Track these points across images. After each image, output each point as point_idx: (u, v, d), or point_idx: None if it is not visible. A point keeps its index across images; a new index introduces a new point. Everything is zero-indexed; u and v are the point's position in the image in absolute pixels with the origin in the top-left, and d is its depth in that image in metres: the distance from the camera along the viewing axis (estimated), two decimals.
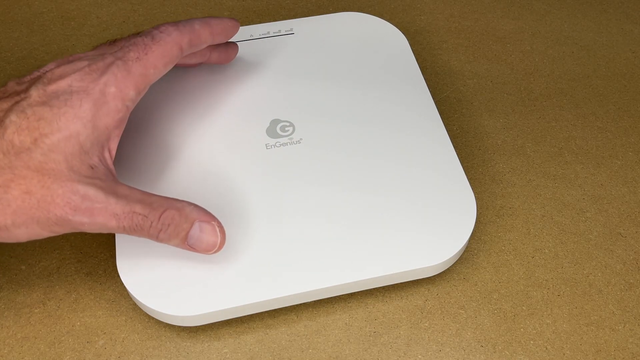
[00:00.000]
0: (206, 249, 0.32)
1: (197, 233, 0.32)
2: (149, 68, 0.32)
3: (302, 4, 0.52)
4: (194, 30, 0.35)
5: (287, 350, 0.34)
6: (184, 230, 0.31)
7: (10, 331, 0.35)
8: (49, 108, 0.29)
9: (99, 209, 0.29)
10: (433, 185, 0.37)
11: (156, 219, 0.31)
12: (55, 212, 0.29)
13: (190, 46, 0.35)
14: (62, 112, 0.29)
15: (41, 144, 0.29)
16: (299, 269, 0.34)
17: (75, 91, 0.30)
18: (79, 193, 0.29)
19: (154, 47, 0.33)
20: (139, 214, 0.30)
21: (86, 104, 0.30)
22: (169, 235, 0.31)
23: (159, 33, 0.33)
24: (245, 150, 0.38)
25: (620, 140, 0.44)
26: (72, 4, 0.52)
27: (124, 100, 0.31)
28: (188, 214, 0.31)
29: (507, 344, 0.35)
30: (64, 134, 0.29)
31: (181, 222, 0.31)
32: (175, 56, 0.34)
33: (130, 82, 0.31)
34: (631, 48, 0.50)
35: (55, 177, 0.29)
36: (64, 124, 0.29)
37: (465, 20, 0.51)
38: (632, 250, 0.39)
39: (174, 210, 0.31)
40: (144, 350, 0.34)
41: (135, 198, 0.30)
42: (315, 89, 0.41)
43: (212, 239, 0.32)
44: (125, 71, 0.31)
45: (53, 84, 0.30)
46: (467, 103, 0.46)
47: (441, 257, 0.35)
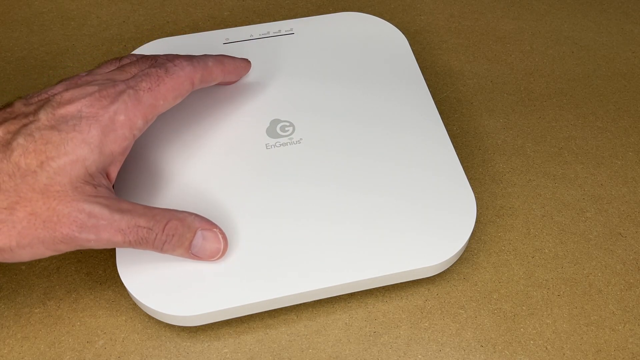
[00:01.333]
0: (210, 256, 0.33)
1: (200, 242, 0.33)
2: (159, 99, 0.33)
3: (302, 4, 0.52)
4: (207, 67, 0.36)
5: (287, 350, 0.34)
6: (187, 240, 0.32)
7: (10, 331, 0.35)
8: (57, 132, 0.30)
9: (104, 225, 0.30)
10: (433, 185, 0.37)
11: (160, 230, 0.31)
12: (61, 231, 0.29)
13: (201, 82, 0.35)
14: (70, 137, 0.30)
15: (47, 167, 0.29)
16: (299, 269, 0.34)
17: (84, 117, 0.30)
18: (85, 211, 0.29)
19: (167, 79, 0.33)
20: (143, 227, 0.31)
21: (94, 130, 0.30)
22: (173, 245, 0.32)
23: (173, 66, 0.34)
24: (245, 150, 0.38)
25: (620, 140, 0.44)
26: (72, 4, 0.52)
27: (132, 129, 0.32)
28: (190, 223, 0.32)
29: (507, 344, 0.35)
30: (70, 158, 0.30)
31: (184, 232, 0.32)
32: (186, 90, 0.34)
33: (139, 112, 0.32)
34: (631, 48, 0.50)
35: (60, 199, 0.29)
36: (71, 148, 0.30)
37: (465, 20, 0.51)
38: (632, 250, 0.39)
39: (177, 221, 0.32)
40: (144, 350, 0.34)
41: (139, 212, 0.31)
42: (315, 89, 0.41)
43: (215, 246, 0.33)
44: (136, 101, 0.32)
45: (62, 108, 0.30)
46: (467, 103, 0.46)
47: (441, 257, 0.35)
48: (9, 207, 0.29)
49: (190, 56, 0.36)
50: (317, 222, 0.35)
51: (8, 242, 0.29)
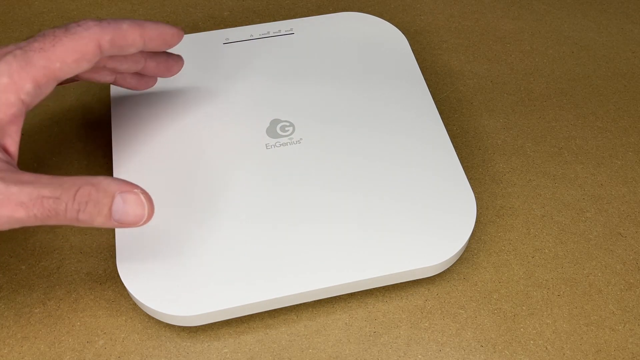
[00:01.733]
0: (134, 221, 0.30)
1: (121, 206, 0.29)
2: (55, 61, 0.29)
3: (302, 4, 0.52)
4: (119, 28, 0.31)
5: (287, 350, 0.34)
6: (105, 206, 0.29)
7: (10, 331, 0.35)
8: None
9: (0, 200, 0.26)
10: (433, 185, 0.37)
11: (70, 199, 0.28)
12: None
13: (112, 46, 0.31)
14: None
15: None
16: (299, 269, 0.34)
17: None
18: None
19: (65, 39, 0.29)
20: (49, 197, 0.27)
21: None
22: (89, 214, 0.28)
23: (75, 26, 0.30)
24: (245, 150, 0.38)
25: (620, 140, 0.44)
26: (72, 4, 0.52)
27: (18, 92, 0.28)
28: (106, 187, 0.29)
29: (507, 344, 0.35)
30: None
31: (100, 198, 0.29)
32: (90, 53, 0.30)
33: (27, 74, 0.28)
34: (631, 48, 0.50)
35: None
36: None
37: (465, 20, 0.51)
38: (632, 250, 0.39)
39: (89, 186, 0.28)
40: (144, 350, 0.34)
41: (43, 182, 0.28)
42: (315, 89, 0.41)
43: (139, 210, 0.30)
44: (23, 62, 0.28)
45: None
46: (467, 103, 0.46)
47: (441, 257, 0.35)
48: None
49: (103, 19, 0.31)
50: (317, 222, 0.35)
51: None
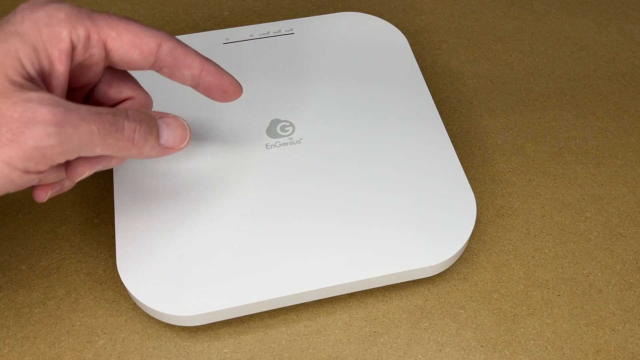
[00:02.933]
0: (180, 142, 0.31)
1: (166, 130, 0.30)
2: (113, 30, 0.28)
3: (302, 4, 0.52)
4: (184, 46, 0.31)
5: (287, 350, 0.34)
6: (154, 127, 0.29)
7: (10, 331, 0.35)
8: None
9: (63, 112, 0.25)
10: (433, 185, 0.37)
11: (124, 116, 0.28)
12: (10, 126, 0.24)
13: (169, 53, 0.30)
14: (2, 29, 0.27)
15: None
16: (299, 268, 0.34)
17: (18, 11, 0.27)
18: (33, 99, 0.25)
19: (134, 25, 0.29)
20: (107, 113, 0.27)
21: (28, 21, 0.27)
22: (144, 134, 0.28)
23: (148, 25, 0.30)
24: (245, 150, 0.38)
25: (620, 140, 0.44)
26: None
27: (70, 32, 0.27)
28: (146, 112, 0.29)
29: (507, 344, 0.35)
30: (2, 47, 0.26)
31: (148, 119, 0.29)
32: (147, 47, 0.29)
33: (84, 23, 0.28)
34: (631, 48, 0.50)
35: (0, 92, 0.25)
36: (3, 36, 0.26)
37: (465, 20, 0.51)
38: (632, 250, 0.39)
39: (135, 110, 0.29)
40: (144, 350, 0.34)
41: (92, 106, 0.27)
42: (315, 89, 0.41)
43: (181, 131, 0.30)
44: (85, 13, 0.28)
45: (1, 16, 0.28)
46: (467, 103, 0.46)
47: (441, 257, 0.35)
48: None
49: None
50: (317, 222, 0.35)
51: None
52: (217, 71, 0.33)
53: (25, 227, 0.39)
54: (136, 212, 0.36)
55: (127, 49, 0.29)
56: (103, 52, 0.29)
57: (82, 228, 0.39)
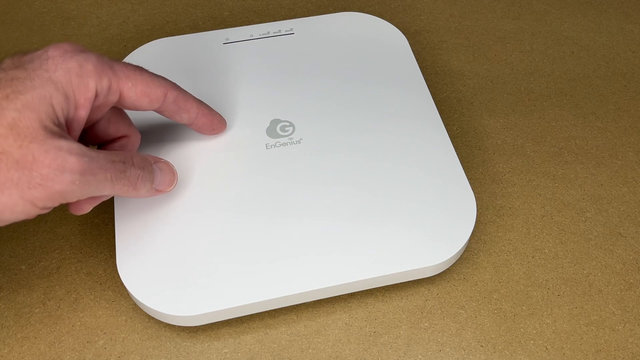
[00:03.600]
0: (168, 186, 0.35)
1: (159, 176, 0.34)
2: (130, 80, 0.32)
3: (302, 4, 0.52)
4: (185, 94, 0.35)
5: (287, 350, 0.34)
6: (151, 173, 0.33)
7: (10, 331, 0.35)
8: (24, 70, 0.29)
9: (87, 162, 0.28)
10: (433, 185, 0.37)
11: (131, 164, 0.31)
12: (40, 172, 0.27)
13: (174, 101, 0.34)
14: (36, 74, 0.28)
15: (14, 100, 0.27)
16: (299, 269, 0.34)
17: (51, 57, 0.29)
18: (64, 148, 0.27)
19: (147, 74, 0.33)
20: (118, 161, 0.30)
21: (61, 70, 0.29)
22: (144, 180, 0.32)
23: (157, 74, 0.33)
24: (245, 150, 0.38)
25: (620, 140, 0.44)
26: (72, 4, 0.52)
27: (97, 82, 0.30)
28: (144, 157, 0.33)
29: (507, 344, 0.35)
30: (38, 93, 0.28)
31: (147, 165, 0.33)
32: (156, 97, 0.33)
33: (108, 74, 0.30)
34: (631, 48, 0.50)
35: (32, 137, 0.27)
36: (38, 83, 0.28)
37: (465, 20, 0.51)
38: (632, 250, 0.39)
39: (137, 156, 0.32)
40: (144, 350, 0.34)
41: (105, 151, 0.30)
42: (315, 89, 0.41)
43: (170, 176, 0.35)
44: (109, 64, 0.31)
45: (29, 54, 0.30)
46: (467, 103, 0.46)
47: (441, 257, 0.35)
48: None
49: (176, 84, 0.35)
50: (317, 222, 0.35)
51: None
52: (209, 112, 0.37)
53: (25, 227, 0.39)
54: (136, 212, 0.36)
55: (139, 97, 0.32)
56: (117, 98, 0.32)
57: (82, 228, 0.39)
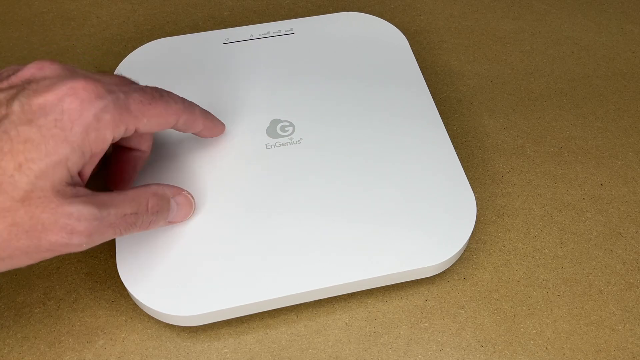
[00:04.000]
0: (184, 218, 0.35)
1: (176, 209, 0.34)
2: (145, 116, 0.30)
3: (302, 4, 0.52)
4: (194, 112, 0.34)
5: (287, 350, 0.34)
6: (167, 211, 0.33)
7: (10, 331, 0.35)
8: (37, 129, 0.26)
9: (96, 225, 0.28)
10: (433, 185, 0.37)
11: (145, 212, 0.31)
12: (49, 239, 0.27)
13: (184, 123, 0.34)
14: (51, 135, 0.27)
15: (27, 171, 0.26)
16: (299, 269, 0.34)
17: (66, 111, 0.27)
18: (73, 216, 0.27)
19: (160, 102, 0.31)
20: (130, 214, 0.30)
21: (78, 127, 0.27)
22: (156, 222, 0.32)
23: (167, 95, 0.32)
24: (245, 150, 0.38)
25: (620, 140, 0.44)
26: (72, 4, 0.52)
27: (113, 131, 0.29)
28: (164, 194, 0.33)
29: (507, 344, 0.35)
30: (52, 160, 0.27)
31: (163, 205, 0.33)
32: (168, 123, 0.33)
33: (124, 117, 0.29)
34: (631, 48, 0.50)
35: (44, 206, 0.26)
36: (53, 148, 0.27)
37: (465, 20, 0.51)
38: (632, 250, 0.39)
39: (155, 197, 0.32)
40: (144, 350, 0.34)
41: (120, 200, 0.30)
42: (315, 89, 0.41)
43: (187, 209, 0.35)
44: (124, 105, 0.29)
45: (40, 97, 0.27)
46: (467, 103, 0.46)
47: (441, 257, 0.35)
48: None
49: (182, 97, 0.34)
50: (317, 222, 0.35)
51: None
52: (213, 125, 0.37)
53: None
54: None
55: (152, 128, 0.32)
56: (131, 134, 0.31)
57: None
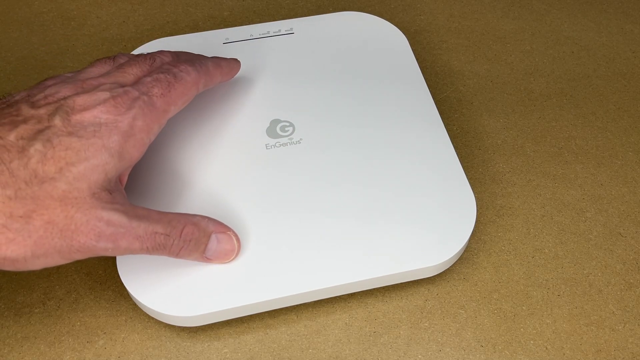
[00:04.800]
0: (223, 258, 0.34)
1: (215, 245, 0.33)
2: (170, 105, 0.33)
3: (302, 4, 0.52)
4: (208, 72, 0.36)
5: (287, 350, 0.34)
6: (203, 244, 0.33)
7: (10, 331, 0.35)
8: (77, 138, 0.29)
9: (122, 233, 0.29)
10: (433, 185, 0.37)
11: (177, 236, 0.31)
12: (79, 240, 0.29)
13: (204, 86, 0.36)
14: (90, 143, 0.29)
15: (66, 173, 0.28)
16: (299, 269, 0.34)
17: (104, 123, 0.30)
18: (103, 219, 0.29)
19: (177, 85, 0.34)
20: (161, 233, 0.31)
21: (115, 135, 0.30)
22: (189, 251, 0.32)
23: (179, 72, 0.34)
24: (245, 150, 0.38)
25: (620, 140, 0.44)
26: (72, 4, 0.52)
27: (148, 134, 0.32)
28: (205, 227, 0.33)
29: (507, 344, 0.35)
30: (91, 163, 0.29)
31: (200, 237, 0.32)
32: (192, 95, 0.35)
33: (154, 117, 0.32)
34: (631, 48, 0.50)
35: (78, 206, 0.29)
36: (92, 153, 0.29)
37: (465, 20, 0.51)
38: (632, 250, 0.39)
39: (192, 226, 0.32)
40: (144, 350, 0.34)
41: (154, 218, 0.31)
42: (315, 89, 0.41)
43: (229, 248, 0.34)
44: (151, 106, 0.32)
45: (77, 115, 0.30)
46: (467, 103, 0.46)
47: (441, 257, 0.35)
48: (25, 216, 0.27)
49: (190, 60, 0.36)
50: (317, 223, 0.35)
51: (23, 253, 0.28)
52: (229, 69, 0.39)
53: None
54: None
55: (180, 108, 0.35)
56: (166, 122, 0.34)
57: None
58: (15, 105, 0.30)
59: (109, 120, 0.30)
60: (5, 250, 0.27)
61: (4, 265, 0.28)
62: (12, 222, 0.27)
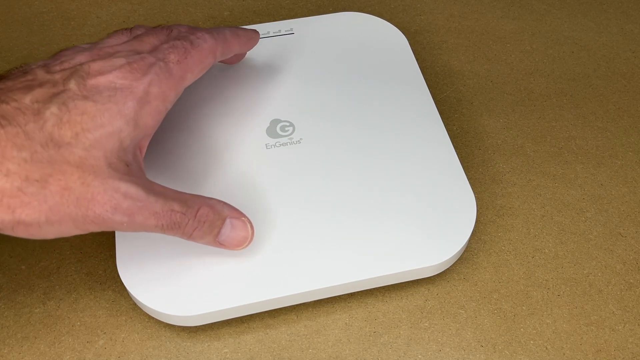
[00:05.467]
0: (236, 244, 0.33)
1: (229, 230, 0.32)
2: (187, 72, 0.33)
3: (302, 4, 0.52)
4: (226, 40, 0.36)
5: (287, 350, 0.34)
6: (217, 228, 0.32)
7: (10, 331, 0.35)
8: (93, 103, 0.29)
9: (139, 207, 0.29)
10: (433, 185, 0.37)
11: (192, 216, 0.31)
12: (94, 210, 0.28)
13: (222, 55, 0.36)
14: (106, 108, 0.29)
15: (83, 139, 0.28)
16: (299, 268, 0.34)
17: (119, 88, 0.30)
18: (120, 191, 0.28)
19: (193, 52, 0.33)
20: (177, 211, 0.30)
21: (131, 101, 0.30)
22: (203, 233, 0.31)
23: (196, 39, 0.34)
24: (245, 150, 0.38)
25: (620, 140, 0.44)
26: (72, 4, 0.52)
27: (164, 101, 0.31)
28: (220, 210, 0.32)
29: (507, 344, 0.35)
30: (107, 130, 0.29)
31: (215, 220, 0.32)
32: (209, 63, 0.34)
33: (171, 84, 0.32)
34: (631, 48, 0.50)
35: (95, 174, 0.28)
36: (107, 119, 0.29)
37: (465, 20, 0.52)
38: (632, 250, 0.39)
39: (208, 208, 0.31)
40: (144, 350, 0.34)
41: (171, 196, 0.30)
42: (315, 89, 0.41)
43: (243, 234, 0.33)
44: (167, 73, 0.31)
45: (93, 79, 0.29)
46: (467, 103, 0.46)
47: (441, 257, 0.35)
48: (42, 180, 0.27)
49: (208, 29, 0.35)
50: (317, 222, 0.35)
51: (37, 217, 0.27)
52: (247, 39, 0.39)
53: None
54: None
55: (197, 76, 0.34)
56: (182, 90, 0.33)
57: None
58: (31, 72, 0.30)
59: (125, 85, 0.30)
60: (20, 214, 0.27)
61: (18, 230, 0.27)
62: (28, 185, 0.27)
